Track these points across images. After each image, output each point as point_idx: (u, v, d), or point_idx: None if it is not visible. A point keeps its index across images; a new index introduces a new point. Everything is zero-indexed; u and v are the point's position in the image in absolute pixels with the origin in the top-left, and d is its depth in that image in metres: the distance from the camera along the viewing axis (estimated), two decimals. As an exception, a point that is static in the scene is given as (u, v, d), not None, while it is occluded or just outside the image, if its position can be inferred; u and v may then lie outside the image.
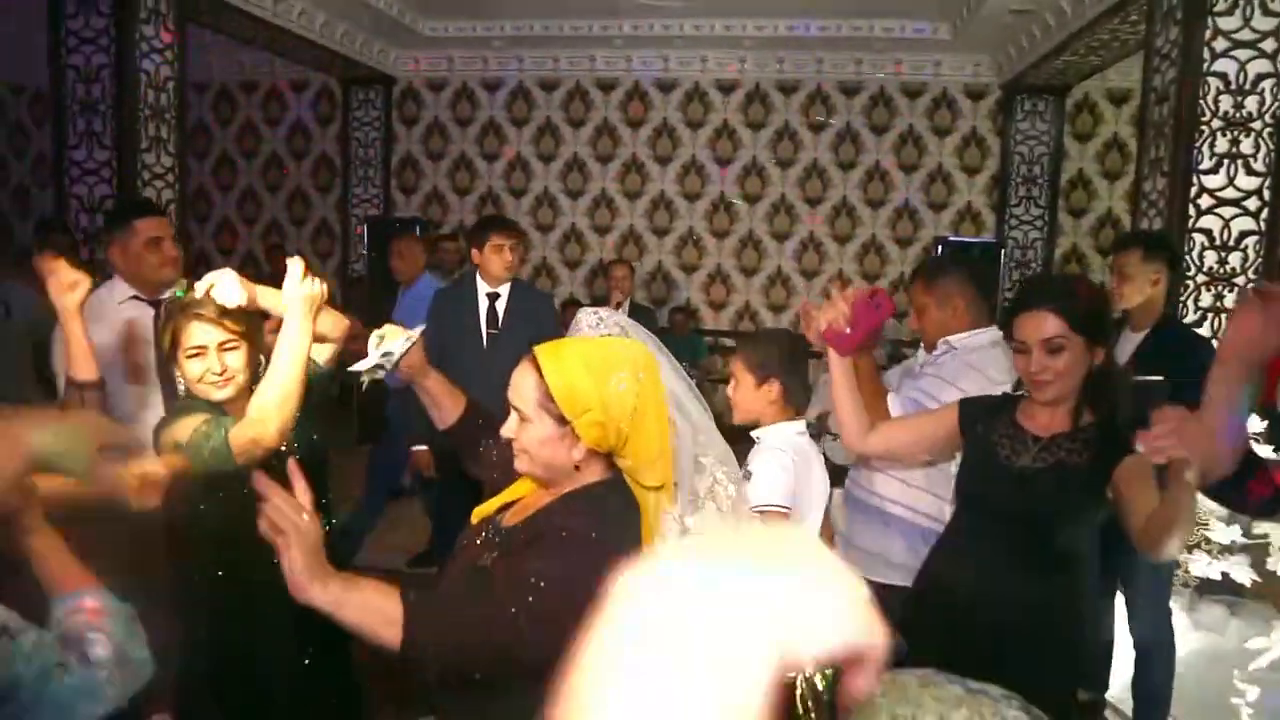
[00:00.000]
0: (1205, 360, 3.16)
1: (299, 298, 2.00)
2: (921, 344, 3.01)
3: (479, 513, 1.68)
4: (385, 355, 1.89)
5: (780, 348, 2.58)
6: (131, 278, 2.91)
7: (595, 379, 1.52)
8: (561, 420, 1.53)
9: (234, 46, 8.32)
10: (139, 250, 2.86)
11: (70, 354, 2.21)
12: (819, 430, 5.49)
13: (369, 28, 7.99)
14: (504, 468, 1.72)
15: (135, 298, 2.92)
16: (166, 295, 2.86)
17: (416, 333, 1.94)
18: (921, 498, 2.70)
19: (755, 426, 2.56)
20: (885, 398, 2.63)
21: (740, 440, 2.23)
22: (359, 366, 1.93)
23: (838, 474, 5.37)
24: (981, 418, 2.20)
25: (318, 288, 2.04)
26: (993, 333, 2.74)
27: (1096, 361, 2.03)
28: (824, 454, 5.58)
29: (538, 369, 1.55)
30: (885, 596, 2.50)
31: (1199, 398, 2.82)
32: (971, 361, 2.66)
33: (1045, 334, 2.02)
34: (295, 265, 2.02)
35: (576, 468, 1.57)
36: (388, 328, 1.95)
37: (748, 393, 2.54)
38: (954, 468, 2.47)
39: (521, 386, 1.57)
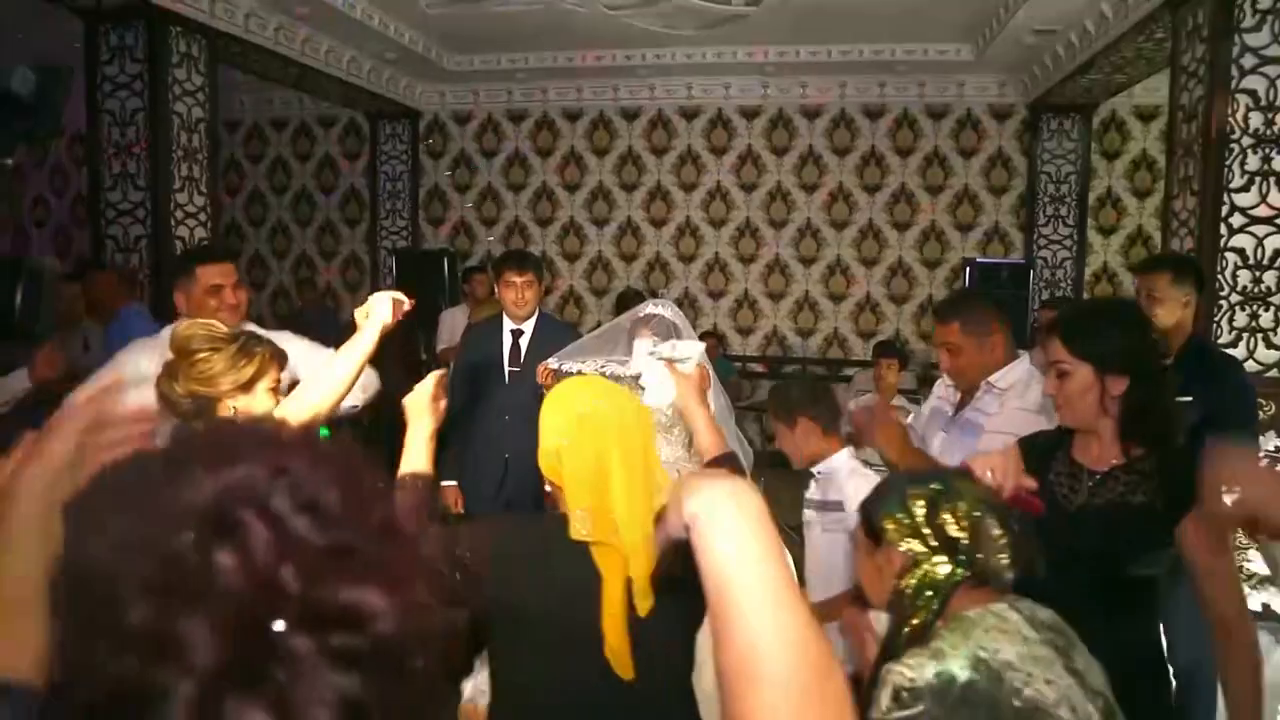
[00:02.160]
0: (1235, 382, 3.13)
1: (380, 316, 2.17)
2: (947, 382, 2.92)
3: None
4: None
5: (794, 389, 2.71)
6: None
7: (558, 415, 1.71)
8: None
9: (264, 85, 8.48)
10: (200, 297, 2.86)
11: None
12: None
13: (395, 63, 8.11)
14: None
15: None
16: None
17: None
18: None
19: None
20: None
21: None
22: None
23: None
24: (1039, 457, 2.11)
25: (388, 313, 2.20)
26: (1025, 363, 2.70)
27: (1114, 391, 1.93)
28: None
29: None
30: None
31: (1230, 419, 2.76)
32: (1028, 407, 2.56)
33: (1050, 358, 2.02)
34: (386, 296, 2.20)
35: (546, 489, 1.76)
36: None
37: (787, 438, 2.72)
38: None
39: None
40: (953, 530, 1.46)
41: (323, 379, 2.14)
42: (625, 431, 1.64)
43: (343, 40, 7.31)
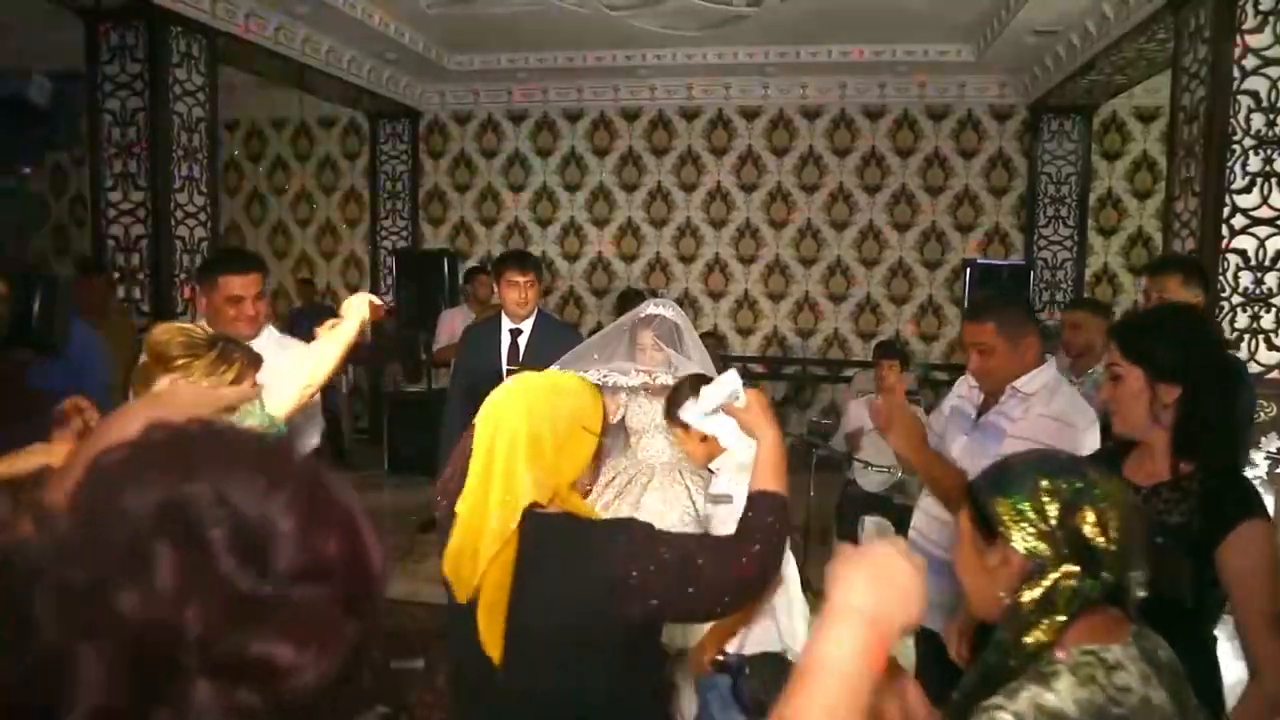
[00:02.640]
0: (1229, 381, 3.13)
1: (358, 311, 2.39)
2: (968, 382, 2.85)
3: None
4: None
5: (685, 388, 2.67)
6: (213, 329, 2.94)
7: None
8: None
9: (264, 85, 8.47)
10: (220, 304, 2.86)
11: None
12: (848, 453, 5.47)
13: (395, 63, 8.10)
14: None
15: None
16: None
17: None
18: None
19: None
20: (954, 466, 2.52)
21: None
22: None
23: (869, 502, 5.34)
24: None
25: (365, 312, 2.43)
26: (1051, 369, 2.65)
27: (1166, 400, 1.88)
28: (855, 480, 5.54)
29: None
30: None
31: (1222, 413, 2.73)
32: (1050, 414, 2.52)
33: (1107, 359, 1.99)
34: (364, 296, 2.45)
35: None
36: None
37: (684, 439, 2.72)
38: None
39: None
40: (1092, 536, 1.25)
41: (308, 360, 2.26)
42: (519, 421, 1.62)
43: (343, 40, 7.31)
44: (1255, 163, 4.51)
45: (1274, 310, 4.50)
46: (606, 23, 7.14)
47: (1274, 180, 4.50)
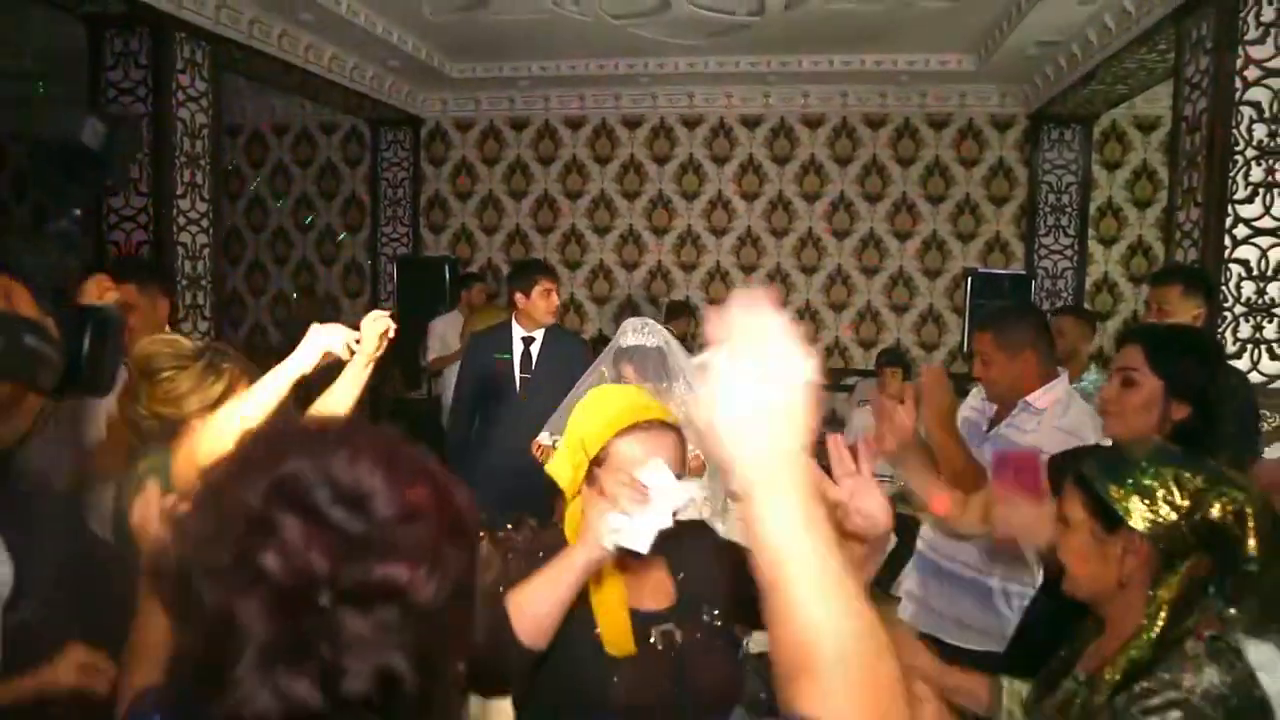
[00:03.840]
0: (1236, 398, 3.12)
1: (371, 350, 2.10)
2: (981, 394, 2.89)
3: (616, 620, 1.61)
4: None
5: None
6: None
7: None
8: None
9: (265, 91, 8.49)
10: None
11: None
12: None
13: (398, 71, 8.11)
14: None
15: None
16: None
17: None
18: (1000, 562, 2.60)
19: None
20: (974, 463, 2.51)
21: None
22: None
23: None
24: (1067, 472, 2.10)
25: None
26: (1064, 382, 2.67)
27: (1175, 416, 1.91)
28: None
29: None
30: (959, 659, 2.41)
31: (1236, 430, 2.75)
32: (1065, 428, 2.53)
33: (1121, 362, 1.99)
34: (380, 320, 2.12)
35: None
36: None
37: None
38: None
39: None
40: (1226, 527, 1.29)
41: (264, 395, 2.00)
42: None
43: (346, 47, 7.32)
44: (1257, 173, 4.51)
45: (1276, 320, 4.51)
46: (608, 31, 7.15)
47: (1276, 190, 4.50)
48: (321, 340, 2.02)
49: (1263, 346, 4.51)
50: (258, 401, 1.93)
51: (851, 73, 7.96)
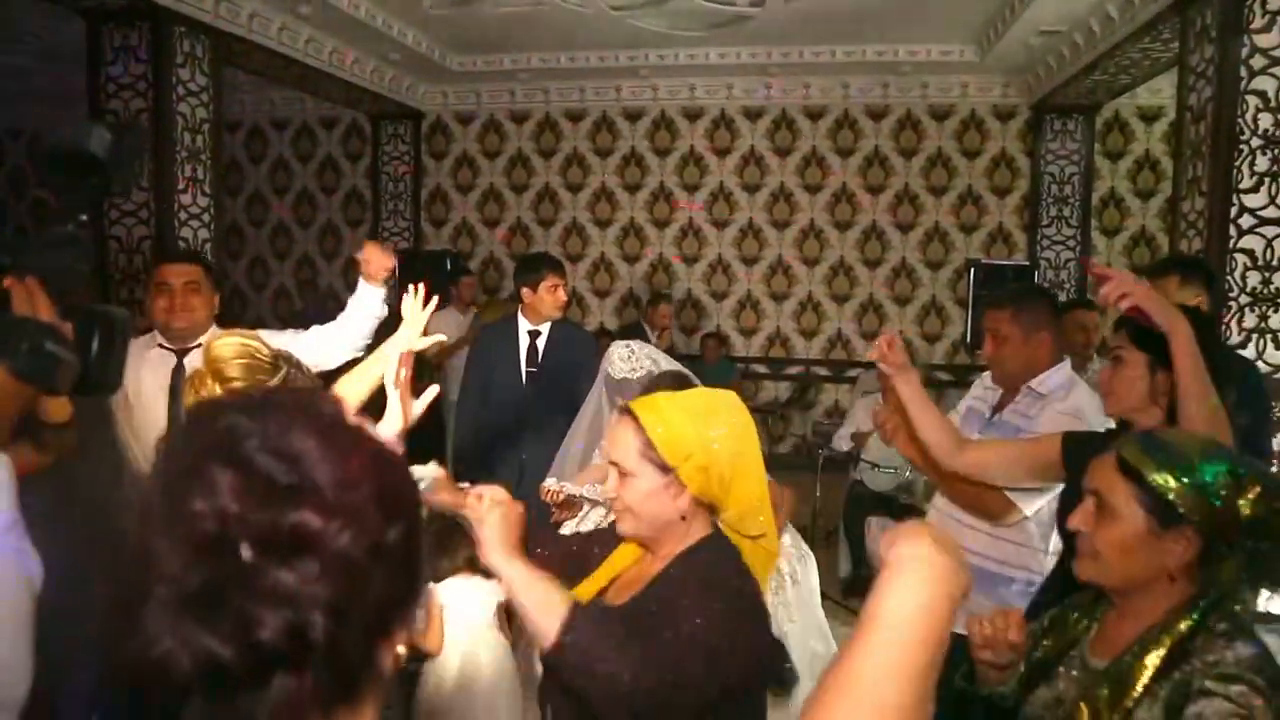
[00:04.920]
0: (1246, 381, 3.12)
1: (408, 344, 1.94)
2: (989, 377, 2.87)
3: (578, 596, 1.57)
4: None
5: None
6: (155, 325, 2.89)
7: (695, 424, 1.53)
8: (665, 469, 1.52)
9: (266, 85, 8.47)
10: (151, 296, 2.83)
11: None
12: (854, 453, 5.46)
13: (398, 64, 8.09)
14: (560, 561, 1.70)
15: (161, 346, 2.87)
16: (194, 345, 2.82)
17: (430, 474, 1.71)
18: (1008, 549, 2.59)
19: None
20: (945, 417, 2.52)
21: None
22: None
23: (876, 502, 5.34)
24: (1082, 453, 2.08)
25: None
26: (1067, 368, 2.68)
27: (1163, 387, 1.99)
28: (862, 479, 5.53)
29: (635, 420, 1.55)
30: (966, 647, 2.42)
31: (1242, 418, 2.77)
32: (1066, 410, 2.54)
33: (1111, 345, 2.10)
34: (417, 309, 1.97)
35: (683, 518, 1.55)
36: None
37: None
38: (1033, 513, 2.49)
39: (620, 440, 1.56)
40: (1275, 524, 1.37)
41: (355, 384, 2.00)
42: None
43: (346, 41, 7.29)
44: (1263, 162, 4.49)
45: (1281, 310, 4.50)
46: (609, 23, 7.13)
47: (1281, 180, 4.49)
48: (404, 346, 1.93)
49: (1268, 336, 4.50)
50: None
51: (853, 64, 7.94)
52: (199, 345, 2.74)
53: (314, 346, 2.75)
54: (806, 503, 5.55)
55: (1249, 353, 4.48)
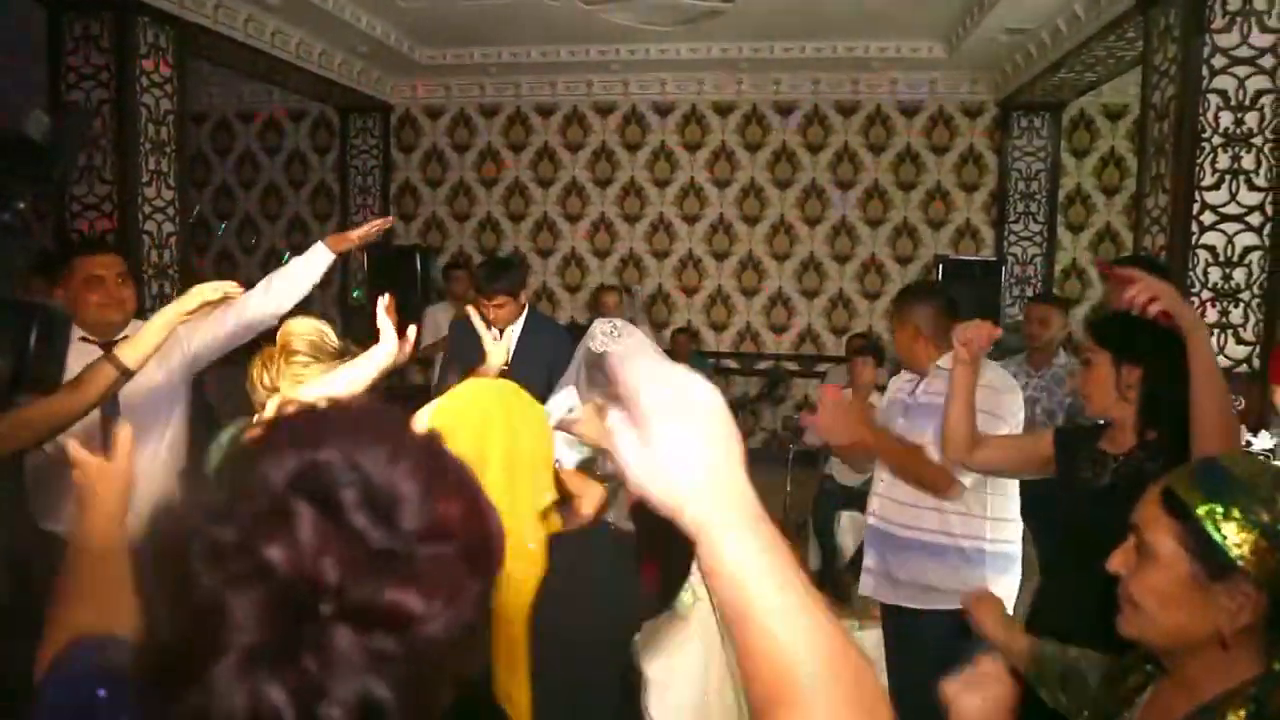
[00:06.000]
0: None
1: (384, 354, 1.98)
2: (900, 379, 3.19)
3: None
4: None
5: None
6: (77, 318, 2.76)
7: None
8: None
9: (232, 77, 8.37)
10: (78, 289, 2.75)
11: None
12: (824, 448, 5.50)
13: (367, 57, 8.02)
14: None
15: (84, 339, 2.77)
16: (120, 338, 2.72)
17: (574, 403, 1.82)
18: (954, 520, 2.77)
19: None
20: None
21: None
22: None
23: (845, 497, 5.37)
24: (1071, 445, 2.29)
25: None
26: None
27: (1129, 380, 2.09)
28: (831, 474, 5.56)
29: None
30: (932, 623, 2.52)
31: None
32: (984, 382, 2.67)
33: (1081, 347, 2.25)
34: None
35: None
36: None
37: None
38: (990, 488, 2.70)
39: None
40: None
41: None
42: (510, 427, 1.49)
43: (314, 33, 7.22)
44: (1224, 160, 4.57)
45: (1242, 305, 4.57)
46: (579, 17, 7.11)
47: (1242, 178, 4.56)
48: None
49: (1229, 331, 4.58)
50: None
51: (823, 59, 7.98)
52: (124, 337, 2.65)
53: (254, 308, 2.78)
54: (776, 498, 5.58)
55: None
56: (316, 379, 1.97)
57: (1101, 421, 2.30)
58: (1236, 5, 4.50)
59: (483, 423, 1.47)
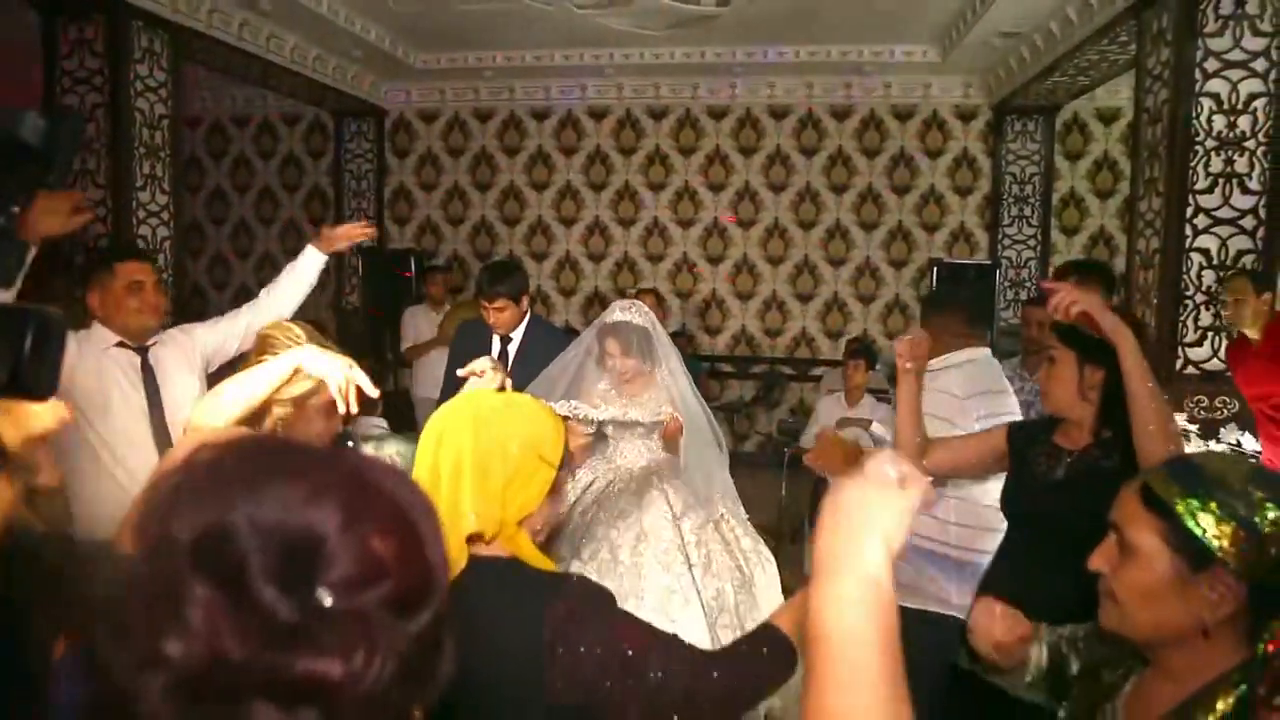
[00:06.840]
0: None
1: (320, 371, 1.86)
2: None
3: None
4: None
5: None
6: (111, 323, 2.81)
7: None
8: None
9: (226, 81, 8.35)
10: (119, 293, 2.77)
11: None
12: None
13: (361, 61, 8.02)
14: None
15: (121, 344, 2.81)
16: (152, 342, 2.84)
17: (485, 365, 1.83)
18: (951, 531, 2.83)
19: None
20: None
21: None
22: None
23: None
24: (1025, 439, 2.33)
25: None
26: (968, 353, 3.00)
27: (1092, 381, 2.12)
28: (826, 479, 5.56)
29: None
30: (927, 624, 2.55)
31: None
32: (934, 387, 2.79)
33: (1047, 344, 2.25)
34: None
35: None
36: None
37: None
38: (986, 499, 2.69)
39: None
40: None
41: (235, 392, 1.82)
42: (466, 441, 1.40)
43: (308, 37, 7.22)
44: (1217, 163, 4.59)
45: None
46: (574, 21, 7.11)
47: (1235, 181, 4.58)
48: (312, 364, 1.85)
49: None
50: (223, 404, 1.77)
51: (817, 64, 7.99)
52: (155, 343, 2.86)
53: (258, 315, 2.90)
54: (772, 501, 5.58)
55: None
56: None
57: (1052, 417, 2.33)
58: (1229, 9, 4.53)
59: (446, 433, 1.42)
